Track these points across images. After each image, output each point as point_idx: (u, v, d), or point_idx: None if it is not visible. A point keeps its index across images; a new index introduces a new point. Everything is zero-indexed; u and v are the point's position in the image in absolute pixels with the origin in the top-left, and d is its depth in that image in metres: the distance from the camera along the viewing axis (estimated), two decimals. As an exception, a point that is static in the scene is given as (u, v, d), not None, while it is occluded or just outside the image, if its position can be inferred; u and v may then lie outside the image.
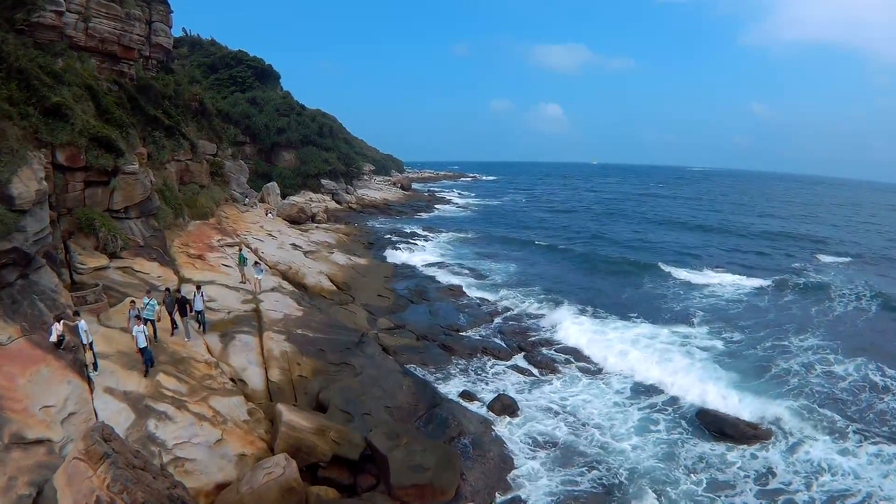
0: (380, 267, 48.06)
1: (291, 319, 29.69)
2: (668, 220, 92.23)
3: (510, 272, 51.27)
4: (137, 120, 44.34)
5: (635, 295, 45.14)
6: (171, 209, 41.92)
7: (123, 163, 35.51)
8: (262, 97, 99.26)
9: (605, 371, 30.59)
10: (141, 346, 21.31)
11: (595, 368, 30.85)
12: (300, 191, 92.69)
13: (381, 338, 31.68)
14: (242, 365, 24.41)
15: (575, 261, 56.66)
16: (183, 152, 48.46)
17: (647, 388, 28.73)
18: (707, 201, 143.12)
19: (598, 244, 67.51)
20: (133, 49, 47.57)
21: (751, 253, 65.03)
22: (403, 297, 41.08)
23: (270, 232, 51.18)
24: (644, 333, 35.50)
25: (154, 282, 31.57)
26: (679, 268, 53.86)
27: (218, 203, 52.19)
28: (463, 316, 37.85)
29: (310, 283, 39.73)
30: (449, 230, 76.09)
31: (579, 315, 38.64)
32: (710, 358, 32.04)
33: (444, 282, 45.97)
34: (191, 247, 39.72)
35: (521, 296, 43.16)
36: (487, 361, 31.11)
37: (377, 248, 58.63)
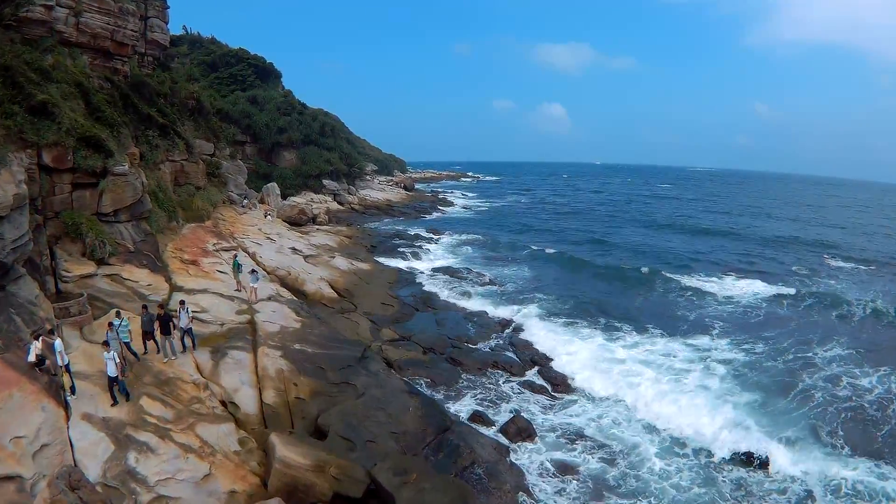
0: (383, 272, 46.07)
1: (289, 332, 27.68)
2: (676, 224, 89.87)
3: (519, 279, 49.24)
4: (130, 119, 42.46)
5: (649, 304, 43.14)
6: (165, 212, 39.96)
7: (113, 164, 33.66)
8: (263, 96, 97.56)
9: (623, 392, 28.31)
10: (111, 376, 19.21)
11: (613, 388, 28.61)
12: (301, 191, 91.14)
13: (386, 351, 29.73)
14: (234, 386, 22.40)
15: (585, 268, 54.37)
16: (178, 152, 46.44)
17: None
18: (712, 202, 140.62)
19: (607, 250, 65.32)
20: (127, 45, 45.66)
21: (761, 257, 62.85)
22: (408, 304, 39.12)
23: (269, 235, 49.13)
24: (660, 350, 33.35)
25: (143, 290, 29.69)
26: (691, 274, 52.06)
27: (215, 205, 50.16)
28: (471, 326, 35.93)
29: (310, 290, 37.77)
30: (454, 233, 74.03)
31: (592, 328, 36.73)
32: (732, 378, 29.83)
33: (450, 289, 44.00)
34: (185, 252, 37.74)
35: (530, 305, 41.07)
36: (499, 377, 29.16)
37: (380, 251, 56.65)
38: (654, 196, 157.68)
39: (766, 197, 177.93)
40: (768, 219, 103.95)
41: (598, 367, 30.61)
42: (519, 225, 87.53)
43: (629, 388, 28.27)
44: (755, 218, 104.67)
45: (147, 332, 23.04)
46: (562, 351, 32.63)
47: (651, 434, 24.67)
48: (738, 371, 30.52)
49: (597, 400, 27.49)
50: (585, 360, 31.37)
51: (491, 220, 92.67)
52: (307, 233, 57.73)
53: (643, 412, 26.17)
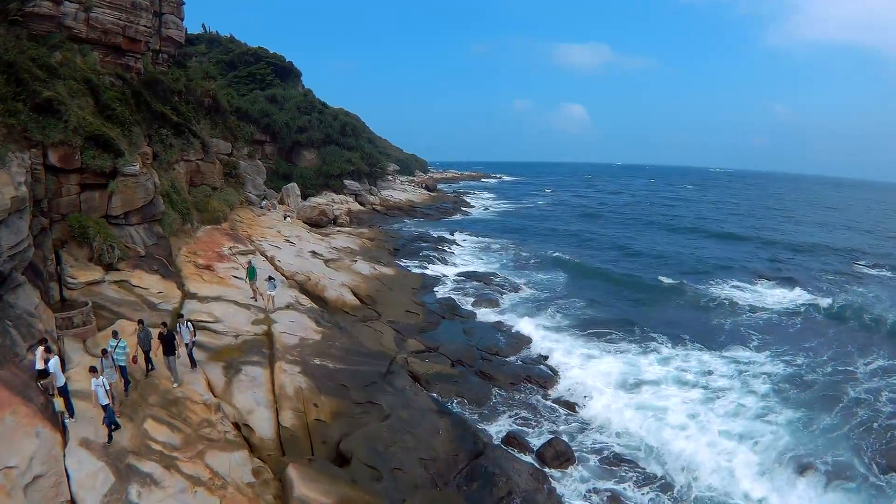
0: (407, 277, 43.95)
1: (308, 345, 25.64)
2: (701, 228, 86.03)
3: (546, 286, 46.78)
4: (143, 117, 40.88)
5: (681, 314, 40.59)
6: (179, 214, 38.26)
7: (123, 164, 31.99)
8: (283, 95, 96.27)
9: (665, 410, 25.93)
10: (102, 404, 16.95)
11: (653, 407, 26.13)
12: (322, 191, 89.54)
13: (412, 364, 27.53)
14: (249, 406, 20.38)
15: (613, 275, 51.46)
16: (193, 152, 44.78)
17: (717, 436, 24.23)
18: (735, 205, 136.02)
19: (634, 256, 62.24)
20: (139, 41, 44.13)
21: (791, 263, 59.75)
22: (434, 312, 36.93)
23: (288, 238, 47.23)
24: (695, 367, 30.70)
25: (153, 298, 27.88)
26: (722, 281, 49.56)
27: (232, 206, 48.42)
28: (501, 336, 33.70)
29: (331, 296, 35.73)
30: (478, 235, 71.79)
31: (625, 340, 34.25)
32: (773, 395, 27.71)
33: (476, 295, 41.68)
34: (199, 256, 35.97)
35: (560, 314, 38.85)
36: (532, 393, 26.95)
37: (403, 254, 54.54)
38: (676, 198, 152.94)
39: (788, 199, 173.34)
40: (794, 223, 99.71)
41: (632, 384, 28.26)
42: (543, 228, 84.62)
43: (667, 410, 25.73)
44: (781, 222, 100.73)
45: (145, 351, 20.91)
46: (596, 365, 30.22)
47: (693, 469, 22.21)
48: (780, 387, 28.52)
49: (636, 419, 25.07)
50: (619, 375, 28.98)
51: (514, 223, 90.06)
52: (328, 235, 55.81)
53: (683, 444, 23.52)
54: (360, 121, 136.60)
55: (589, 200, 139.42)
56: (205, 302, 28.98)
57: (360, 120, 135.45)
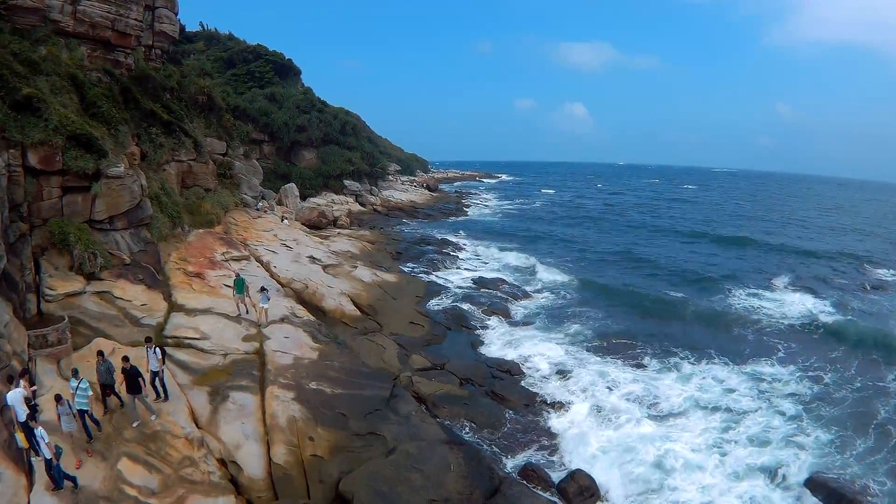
0: (410, 284, 41.50)
1: (304, 365, 23.33)
2: (711, 233, 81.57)
3: (558, 293, 44.19)
4: (131, 115, 38.71)
5: (701, 326, 38.14)
6: (168, 218, 36.05)
7: (106, 165, 29.87)
8: (282, 93, 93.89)
9: (691, 432, 23.87)
10: (47, 458, 14.47)
11: (677, 436, 23.82)
12: (322, 192, 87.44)
13: (417, 384, 25.17)
14: (236, 440, 18.13)
15: (626, 283, 48.70)
16: (185, 151, 42.56)
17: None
18: (742, 207, 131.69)
19: (644, 261, 58.77)
20: (129, 35, 41.98)
21: (807, 269, 56.82)
22: (440, 323, 34.51)
23: (285, 242, 44.87)
24: (716, 386, 28.35)
25: (136, 312, 25.67)
26: (739, 289, 46.94)
27: (226, 208, 46.21)
28: (513, 351, 31.36)
29: (329, 306, 33.46)
30: (482, 238, 69.15)
31: (645, 354, 32.04)
32: (803, 418, 25.56)
33: (484, 303, 39.29)
34: (189, 262, 33.76)
35: (574, 324, 36.46)
36: (549, 416, 24.55)
37: (406, 258, 52.10)
38: (680, 199, 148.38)
39: (795, 200, 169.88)
40: (803, 226, 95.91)
41: (654, 406, 26.00)
42: (547, 230, 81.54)
43: (691, 438, 23.52)
44: (789, 225, 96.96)
45: (106, 385, 18.13)
46: (615, 385, 27.82)
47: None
48: (808, 406, 26.55)
49: (665, 444, 22.87)
50: (640, 397, 26.68)
51: (519, 225, 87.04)
52: (327, 237, 53.46)
53: (711, 480, 21.25)
54: (361, 120, 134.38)
55: (593, 202, 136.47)
56: (192, 315, 26.74)
57: (360, 119, 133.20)
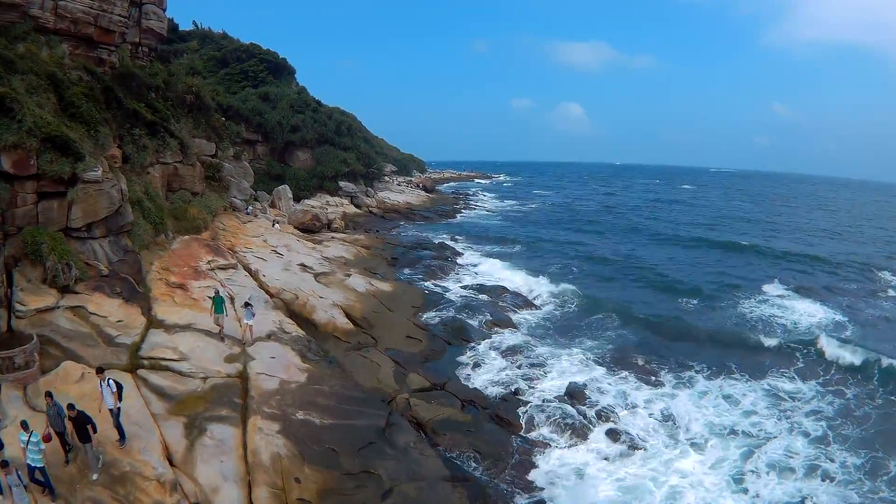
0: (407, 293, 39.26)
1: (291, 390, 21.29)
2: (715, 240, 76.37)
3: (563, 301, 42.01)
4: (114, 115, 36.72)
5: (714, 336, 35.88)
6: (151, 224, 34.05)
7: (83, 169, 27.88)
8: (276, 93, 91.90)
9: (710, 461, 21.95)
10: None
11: (697, 468, 21.84)
12: (316, 193, 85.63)
13: (415, 407, 23.05)
14: (214, 481, 16.07)
15: (634, 291, 46.95)
16: (170, 153, 40.51)
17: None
18: (743, 209, 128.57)
19: (649, 265, 56.33)
20: (113, 32, 40.10)
21: (813, 274, 55.09)
22: (439, 337, 32.31)
23: (275, 248, 42.72)
24: (734, 408, 26.34)
25: (111, 329, 23.64)
26: (748, 297, 45.01)
27: (214, 213, 44.13)
28: (518, 367, 29.18)
29: (320, 319, 31.36)
30: (481, 241, 66.89)
31: (661, 369, 29.99)
32: (829, 440, 23.85)
33: (486, 313, 37.08)
34: (172, 272, 31.75)
35: (582, 337, 34.45)
36: (561, 444, 22.42)
37: (402, 264, 49.94)
38: (681, 202, 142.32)
39: (794, 201, 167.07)
40: (806, 230, 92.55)
41: (672, 430, 24.06)
42: (548, 233, 79.29)
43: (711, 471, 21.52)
44: (795, 230, 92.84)
45: (59, 433, 15.77)
46: (632, 407, 25.80)
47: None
48: (832, 425, 24.95)
49: (689, 478, 20.94)
50: (656, 416, 24.83)
51: (517, 227, 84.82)
52: (320, 242, 51.37)
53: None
54: (357, 120, 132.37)
55: (592, 203, 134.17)
56: (172, 332, 24.72)
57: (356, 119, 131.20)
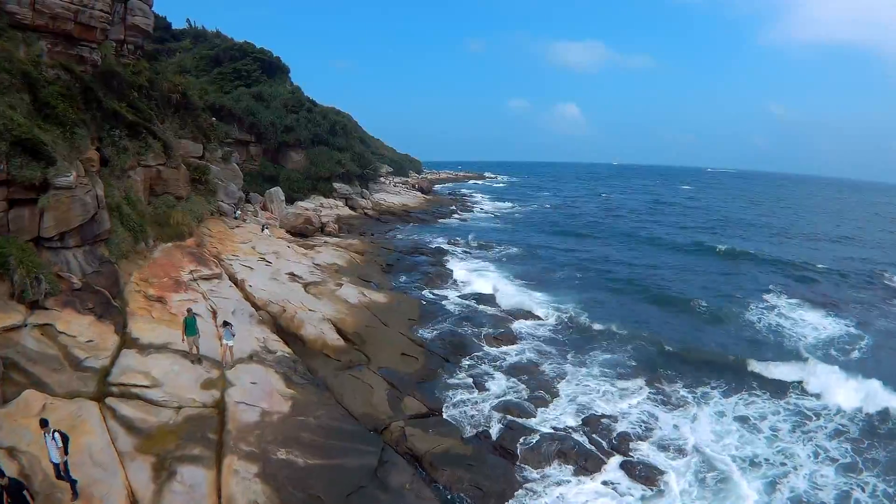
0: (402, 304, 36.96)
1: (272, 424, 19.19)
2: (720, 246, 70.61)
3: (567, 310, 39.67)
4: (93, 116, 34.65)
5: (731, 350, 34.13)
6: (130, 232, 32.00)
7: (54, 174, 25.87)
8: (269, 92, 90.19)
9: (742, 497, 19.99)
10: None
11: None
12: (310, 195, 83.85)
13: (411, 437, 20.95)
14: (181, 536, 14.18)
15: (642, 299, 44.78)
16: (153, 155, 38.36)
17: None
18: (744, 210, 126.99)
19: (656, 275, 53.58)
20: (94, 28, 38.00)
21: (823, 281, 53.04)
22: (436, 353, 30.13)
23: (264, 255, 40.51)
24: (756, 430, 24.57)
25: (79, 351, 21.61)
26: (758, 306, 43.11)
27: (200, 218, 42.00)
28: (521, 386, 27.18)
29: (309, 335, 29.15)
30: (479, 246, 64.61)
31: (680, 390, 28.02)
32: (857, 464, 22.34)
33: (487, 325, 35.07)
34: (152, 283, 29.67)
35: (594, 351, 32.39)
36: (568, 478, 20.46)
37: (397, 270, 47.92)
38: (681, 205, 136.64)
39: (792, 202, 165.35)
40: (809, 235, 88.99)
41: (693, 455, 22.23)
42: (548, 238, 76.35)
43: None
44: (800, 235, 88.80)
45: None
46: (649, 425, 24.09)
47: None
48: (858, 447, 23.47)
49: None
50: (677, 444, 22.92)
51: (518, 230, 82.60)
52: (312, 247, 49.30)
53: None
54: (352, 119, 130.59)
55: (591, 205, 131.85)
56: (146, 353, 22.68)
57: (351, 119, 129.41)
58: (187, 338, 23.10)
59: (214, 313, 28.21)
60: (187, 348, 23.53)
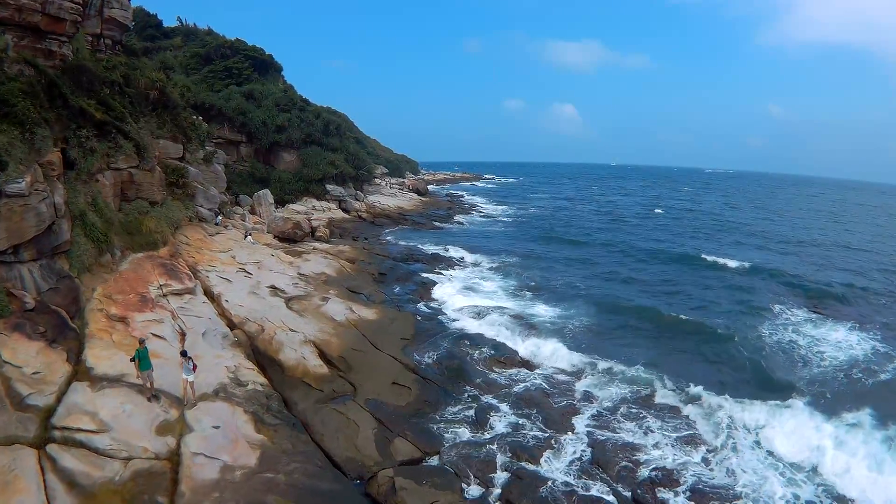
0: (395, 321, 33.43)
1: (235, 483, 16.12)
2: (728, 260, 62.47)
3: (573, 325, 36.48)
4: (57, 115, 31.59)
5: (749, 371, 31.18)
6: (94, 242, 28.99)
7: (4, 180, 23.02)
8: (261, 91, 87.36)
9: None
10: None
11: None
12: (302, 197, 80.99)
13: (401, 492, 17.65)
14: None
15: (655, 316, 40.22)
16: (124, 157, 35.19)
17: None
18: (750, 216, 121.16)
19: (668, 290, 48.89)
20: (64, 21, 35.12)
21: (842, 293, 48.23)
22: (432, 381, 26.74)
23: (244, 265, 37.19)
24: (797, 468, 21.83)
25: (22, 385, 18.62)
26: (774, 323, 39.50)
27: (177, 225, 38.84)
28: (532, 424, 23.74)
29: (288, 360, 25.88)
30: (478, 252, 61.02)
31: (702, 422, 24.91)
32: None
33: (489, 345, 31.68)
34: (115, 300, 26.66)
35: (610, 375, 28.89)
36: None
37: (391, 280, 44.53)
38: (684, 209, 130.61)
39: (794, 205, 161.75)
40: (818, 243, 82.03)
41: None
42: (548, 246, 71.10)
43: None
44: (815, 246, 79.69)
45: None
46: (682, 460, 21.17)
47: None
48: None
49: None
50: (701, 490, 19.85)
51: (517, 235, 78.86)
52: (300, 254, 46.11)
53: None
54: (348, 119, 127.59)
55: (591, 207, 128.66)
56: (97, 387, 19.64)
57: (347, 119, 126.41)
58: (140, 373, 20.00)
59: (183, 335, 25.19)
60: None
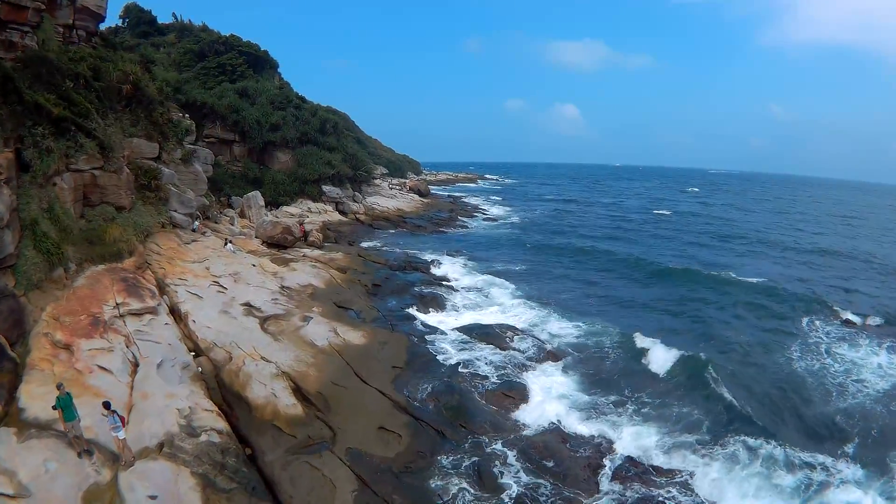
0: (386, 345, 29.12)
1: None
2: (746, 276, 57.39)
3: (590, 347, 32.47)
4: (11, 111, 28.06)
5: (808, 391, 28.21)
6: (44, 255, 25.43)
7: (-74, 186, 19.59)
8: (255, 88, 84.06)
9: None
10: None
11: None
12: (297, 199, 77.55)
13: None
14: None
15: (676, 342, 34.01)
16: (85, 158, 31.52)
17: None
18: (761, 221, 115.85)
19: (686, 306, 43.86)
20: (25, 9, 31.96)
21: (871, 303, 45.38)
22: (427, 423, 22.48)
23: (219, 278, 33.06)
24: None
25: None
26: (807, 342, 35.87)
27: (148, 232, 35.17)
28: (548, 481, 19.54)
29: (256, 398, 21.88)
30: (481, 259, 57.00)
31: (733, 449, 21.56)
32: None
33: (494, 375, 27.61)
34: (63, 323, 23.12)
35: (633, 415, 24.76)
36: None
37: (385, 292, 40.60)
38: (692, 213, 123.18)
39: (803, 206, 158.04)
40: (854, 258, 78.90)
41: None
42: (558, 248, 67.64)
43: None
44: (839, 256, 75.58)
45: None
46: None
47: None
48: None
49: None
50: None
51: (523, 240, 73.94)
52: (287, 263, 42.20)
53: None
54: (348, 119, 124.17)
55: (598, 208, 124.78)
56: (24, 437, 16.08)
57: (348, 118, 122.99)
58: (66, 424, 16.38)
59: (135, 366, 21.62)
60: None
